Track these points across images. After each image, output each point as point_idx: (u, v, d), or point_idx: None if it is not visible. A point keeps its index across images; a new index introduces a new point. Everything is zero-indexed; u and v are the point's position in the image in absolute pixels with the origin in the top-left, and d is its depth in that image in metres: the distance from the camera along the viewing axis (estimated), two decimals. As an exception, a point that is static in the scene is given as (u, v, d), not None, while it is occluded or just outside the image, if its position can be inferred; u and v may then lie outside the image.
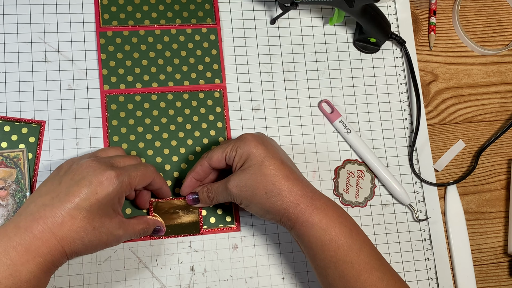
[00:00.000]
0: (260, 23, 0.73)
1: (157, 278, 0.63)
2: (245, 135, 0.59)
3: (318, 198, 0.57)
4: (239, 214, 0.66)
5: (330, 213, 0.56)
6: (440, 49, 0.78)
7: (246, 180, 0.57)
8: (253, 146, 0.58)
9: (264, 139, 0.60)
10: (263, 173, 0.57)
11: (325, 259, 0.56)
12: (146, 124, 0.67)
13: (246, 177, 0.57)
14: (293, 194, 0.56)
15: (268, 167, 0.57)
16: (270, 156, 0.57)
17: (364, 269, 0.55)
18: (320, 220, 0.56)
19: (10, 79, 0.65)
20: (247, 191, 0.57)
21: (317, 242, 0.56)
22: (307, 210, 0.56)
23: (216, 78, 0.70)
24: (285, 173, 0.57)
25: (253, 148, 0.58)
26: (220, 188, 0.61)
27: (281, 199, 0.56)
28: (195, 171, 0.62)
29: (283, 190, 0.56)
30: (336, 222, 0.56)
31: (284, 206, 0.56)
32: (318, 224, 0.55)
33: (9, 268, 0.48)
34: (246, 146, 0.58)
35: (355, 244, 0.55)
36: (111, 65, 0.67)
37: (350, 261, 0.55)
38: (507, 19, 0.81)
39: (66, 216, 0.50)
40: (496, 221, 0.74)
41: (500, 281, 0.72)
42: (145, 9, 0.70)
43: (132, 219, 0.58)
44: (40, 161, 0.64)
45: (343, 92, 0.73)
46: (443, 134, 0.75)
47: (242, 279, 0.65)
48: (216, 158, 0.61)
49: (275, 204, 0.57)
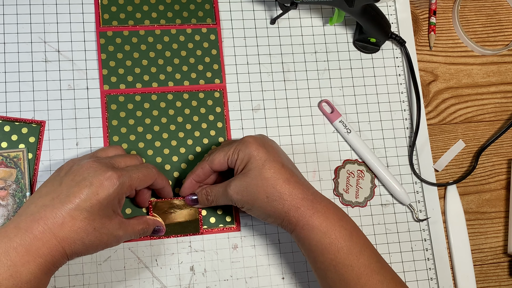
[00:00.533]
0: (260, 23, 0.73)
1: (157, 278, 0.63)
2: (247, 138, 0.59)
3: (319, 201, 0.57)
4: (239, 214, 0.67)
5: (331, 216, 0.56)
6: (440, 49, 0.78)
7: (246, 185, 0.57)
8: (254, 149, 0.58)
9: (266, 142, 0.60)
10: (264, 177, 0.57)
11: (325, 262, 0.56)
12: (146, 124, 0.67)
13: (247, 181, 0.57)
14: (294, 198, 0.56)
15: (269, 170, 0.57)
16: (271, 159, 0.57)
17: (364, 272, 0.55)
18: (320, 223, 0.56)
19: (10, 79, 0.65)
20: (248, 195, 0.57)
21: (317, 245, 0.56)
22: (308, 213, 0.56)
23: (216, 78, 0.70)
24: (286, 176, 0.57)
25: (254, 151, 0.58)
26: (220, 192, 0.60)
27: (282, 203, 0.56)
28: (196, 174, 0.62)
29: (284, 194, 0.56)
30: (336, 225, 0.56)
31: (285, 209, 0.56)
32: (318, 227, 0.55)
33: (9, 269, 0.48)
34: (247, 149, 0.58)
35: (355, 247, 0.55)
36: (111, 65, 0.67)
37: (350, 264, 0.55)
38: (507, 19, 0.81)
39: (67, 217, 0.50)
40: (496, 221, 0.74)
41: (500, 281, 0.73)
42: (145, 9, 0.70)
43: (131, 219, 0.58)
44: (40, 161, 0.64)
45: (343, 92, 0.73)
46: (443, 134, 0.75)
47: (242, 279, 0.65)
48: (218, 162, 0.60)
49: (276, 208, 0.57)
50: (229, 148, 0.60)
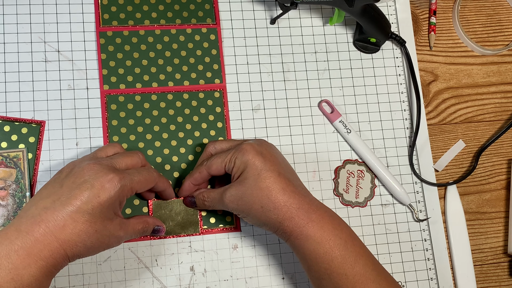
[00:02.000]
0: (260, 23, 0.73)
1: (157, 278, 0.63)
2: (244, 145, 0.59)
3: (314, 210, 0.57)
4: (239, 214, 0.67)
5: (326, 226, 0.56)
6: (440, 49, 0.78)
7: (241, 194, 0.57)
8: (251, 157, 0.58)
9: (263, 149, 0.59)
10: (259, 187, 0.56)
11: (319, 271, 0.56)
12: (146, 124, 0.67)
13: (242, 190, 0.57)
14: (289, 208, 0.56)
15: (264, 180, 0.57)
16: (267, 169, 0.57)
17: (359, 280, 0.55)
18: (314, 233, 0.56)
19: (10, 79, 0.65)
20: (243, 204, 0.57)
21: (311, 255, 0.56)
22: (302, 223, 0.56)
23: (216, 78, 0.70)
24: (282, 186, 0.57)
25: (251, 159, 0.57)
26: (217, 198, 0.60)
27: (276, 213, 0.56)
28: (194, 177, 0.62)
29: (278, 204, 0.56)
30: (331, 234, 0.56)
31: (279, 220, 0.56)
32: (312, 237, 0.56)
33: (10, 272, 0.48)
34: (244, 157, 0.58)
35: (350, 256, 0.55)
36: (111, 65, 0.67)
37: (344, 273, 0.55)
38: (507, 19, 0.81)
39: (68, 219, 0.50)
40: (496, 221, 0.74)
41: (500, 281, 0.73)
42: (145, 9, 0.70)
43: (131, 219, 0.58)
44: (40, 161, 0.64)
45: (343, 92, 0.73)
46: (443, 134, 0.75)
47: (242, 279, 0.65)
48: (216, 168, 0.60)
49: (270, 218, 0.57)
50: (227, 154, 0.60)
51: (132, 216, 0.61)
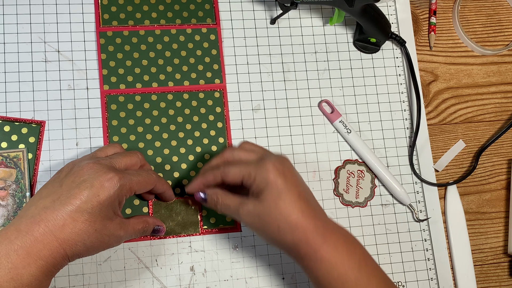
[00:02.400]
0: (260, 23, 0.73)
1: (157, 278, 0.63)
2: (267, 163, 0.57)
3: (329, 232, 0.56)
4: (239, 214, 0.67)
5: (340, 248, 0.55)
6: (440, 49, 0.78)
7: (259, 212, 0.56)
8: (272, 176, 0.56)
9: (285, 169, 0.57)
10: (279, 208, 0.55)
11: None
12: (146, 124, 0.67)
13: (260, 209, 0.56)
14: (305, 230, 0.55)
15: (284, 201, 0.55)
16: (288, 190, 0.56)
17: None
18: (329, 255, 0.55)
19: (10, 79, 0.65)
20: (260, 223, 0.56)
21: (324, 277, 0.55)
22: (317, 246, 0.55)
23: (216, 78, 0.70)
24: (301, 208, 0.56)
25: (272, 179, 0.56)
26: (231, 208, 0.59)
27: (292, 235, 0.55)
28: (207, 179, 0.61)
29: (296, 227, 0.55)
30: (345, 256, 0.55)
31: (294, 241, 0.55)
32: (327, 260, 0.55)
33: (10, 271, 0.48)
34: (265, 176, 0.56)
35: (363, 278, 0.55)
36: (111, 65, 0.67)
37: None
38: (507, 19, 0.81)
39: (68, 219, 0.50)
40: (496, 221, 0.74)
41: (500, 281, 0.72)
42: (145, 9, 0.70)
43: (131, 219, 0.58)
44: (40, 161, 0.64)
45: (343, 92, 0.73)
46: (443, 134, 0.75)
47: (242, 279, 0.65)
48: (232, 178, 0.59)
49: (286, 239, 0.56)
50: (247, 168, 0.58)
51: (132, 216, 0.61)
